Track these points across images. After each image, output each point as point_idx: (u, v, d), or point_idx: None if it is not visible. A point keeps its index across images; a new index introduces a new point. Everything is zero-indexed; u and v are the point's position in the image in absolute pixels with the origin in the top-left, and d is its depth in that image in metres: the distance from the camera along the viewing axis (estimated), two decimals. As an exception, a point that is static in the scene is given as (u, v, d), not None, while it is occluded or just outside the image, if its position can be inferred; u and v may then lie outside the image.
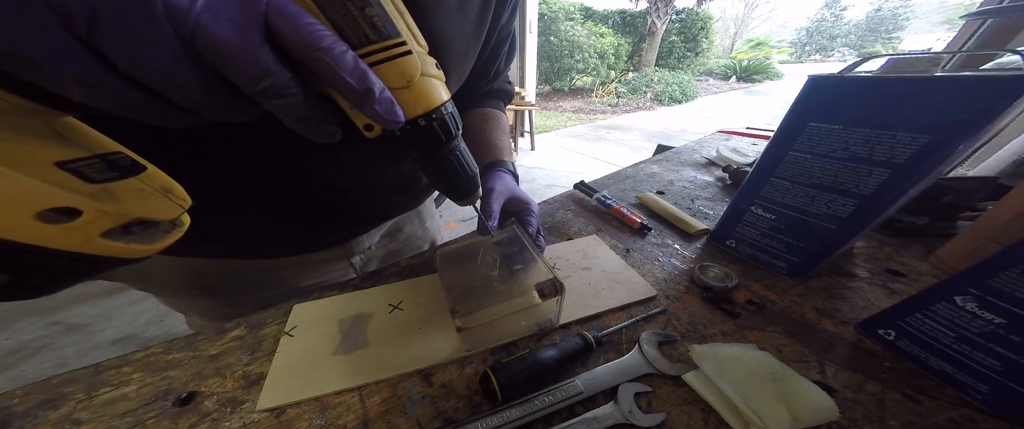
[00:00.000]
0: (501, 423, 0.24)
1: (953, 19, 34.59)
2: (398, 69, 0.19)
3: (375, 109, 0.17)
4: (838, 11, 39.07)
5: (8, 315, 1.53)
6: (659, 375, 0.28)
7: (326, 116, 0.18)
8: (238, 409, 0.26)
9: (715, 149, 0.79)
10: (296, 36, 0.14)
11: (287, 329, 0.33)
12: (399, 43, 0.18)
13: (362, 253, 0.49)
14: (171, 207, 0.18)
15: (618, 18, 10.35)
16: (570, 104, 7.19)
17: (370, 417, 0.26)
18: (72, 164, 0.14)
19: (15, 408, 0.26)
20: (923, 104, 0.27)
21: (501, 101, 0.54)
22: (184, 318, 0.48)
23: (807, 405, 0.24)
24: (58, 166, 0.14)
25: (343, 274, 0.47)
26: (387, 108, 0.18)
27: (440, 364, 0.29)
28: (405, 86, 0.19)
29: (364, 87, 0.16)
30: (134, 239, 0.16)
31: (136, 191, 0.16)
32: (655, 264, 0.42)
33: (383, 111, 0.18)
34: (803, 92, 0.33)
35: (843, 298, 0.35)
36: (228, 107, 0.15)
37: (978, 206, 0.46)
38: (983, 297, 0.24)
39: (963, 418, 0.24)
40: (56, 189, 0.13)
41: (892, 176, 0.29)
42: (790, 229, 0.37)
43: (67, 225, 0.13)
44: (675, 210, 0.51)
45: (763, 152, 0.38)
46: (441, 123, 0.22)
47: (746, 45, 23.48)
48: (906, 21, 37.05)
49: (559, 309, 0.31)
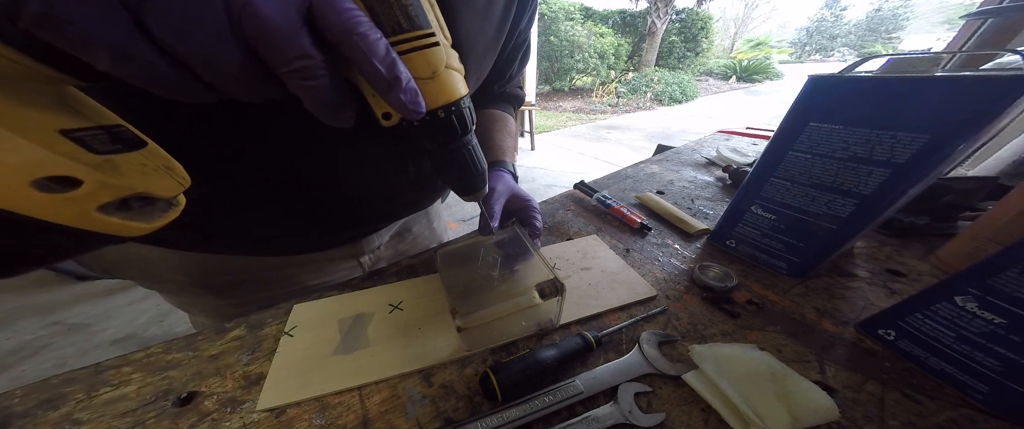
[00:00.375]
0: (501, 423, 0.24)
1: (953, 19, 34.60)
2: (425, 59, 0.19)
3: (400, 98, 0.18)
4: (838, 11, 39.09)
5: (8, 315, 1.53)
6: (659, 375, 0.28)
7: (346, 101, 0.18)
8: (238, 409, 0.26)
9: (715, 149, 0.79)
10: (336, 20, 0.15)
11: (287, 329, 0.33)
12: (429, 34, 0.19)
13: (371, 252, 0.49)
14: (172, 184, 0.17)
15: (618, 18, 10.34)
16: (570, 104, 7.18)
17: (370, 417, 0.26)
18: (76, 133, 0.14)
19: (15, 408, 0.26)
20: (923, 104, 0.27)
21: (511, 105, 0.55)
22: (188, 317, 0.48)
23: (807, 405, 0.24)
24: (62, 134, 0.13)
25: (351, 273, 0.47)
26: (412, 98, 0.18)
27: (440, 364, 0.29)
28: (430, 77, 0.19)
29: (392, 75, 0.17)
30: (131, 215, 0.16)
31: (138, 165, 0.16)
32: (655, 264, 0.42)
33: (407, 100, 0.18)
34: (803, 92, 0.33)
35: (843, 298, 0.35)
36: (251, 85, 0.15)
37: (978, 206, 0.46)
38: (983, 297, 0.24)
39: (963, 418, 0.24)
40: (59, 157, 0.13)
41: (892, 176, 0.29)
42: (790, 229, 0.37)
43: (64, 195, 0.13)
44: (675, 210, 0.51)
45: (763, 152, 0.38)
46: (459, 116, 0.22)
47: (746, 45, 23.50)
48: (906, 21, 37.07)
49: (559, 309, 0.31)
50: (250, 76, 0.14)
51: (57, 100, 0.14)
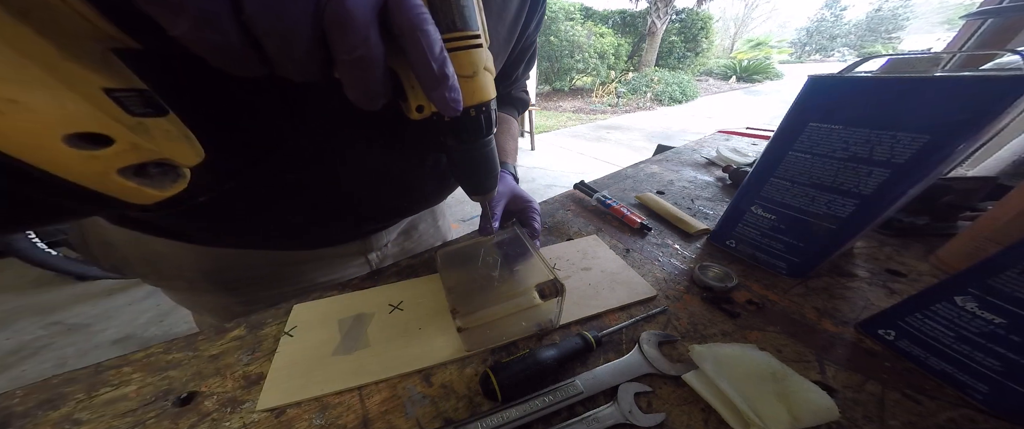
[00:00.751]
0: (501, 423, 0.24)
1: (953, 19, 34.61)
2: (469, 59, 0.20)
3: (444, 94, 0.18)
4: (838, 11, 39.09)
5: (8, 315, 1.53)
6: (659, 375, 0.28)
7: (387, 90, 0.18)
8: (238, 409, 0.26)
9: (715, 149, 0.79)
10: (407, 14, 0.15)
11: (287, 329, 0.33)
12: (476, 35, 0.19)
13: (379, 250, 0.49)
14: (191, 153, 0.18)
15: (618, 18, 10.34)
16: (570, 104, 7.19)
17: (370, 417, 0.26)
18: (116, 93, 0.14)
19: (15, 408, 0.26)
20: (923, 104, 0.27)
21: (515, 108, 0.55)
22: (189, 317, 0.48)
23: (807, 405, 0.24)
24: (105, 92, 0.13)
25: (358, 271, 0.48)
26: (454, 95, 0.18)
27: (440, 364, 0.29)
28: (470, 76, 0.20)
29: (442, 73, 0.17)
30: (147, 182, 0.16)
31: (164, 131, 0.16)
32: (655, 264, 0.42)
33: (450, 98, 0.18)
34: (803, 92, 0.33)
35: (843, 298, 0.35)
36: (307, 67, 0.15)
37: (978, 206, 0.46)
38: (983, 297, 0.24)
39: (963, 418, 0.24)
40: (101, 114, 0.13)
41: (892, 176, 0.29)
42: (790, 229, 0.37)
43: (91, 153, 0.13)
44: (675, 210, 0.51)
45: (763, 152, 0.38)
46: (487, 116, 0.23)
47: (746, 45, 23.49)
48: (906, 21, 37.07)
49: (559, 309, 0.31)
50: (311, 58, 0.15)
51: (102, 59, 0.14)
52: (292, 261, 0.42)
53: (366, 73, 0.16)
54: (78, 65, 0.13)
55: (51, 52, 0.12)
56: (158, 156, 0.16)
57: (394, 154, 0.33)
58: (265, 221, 0.34)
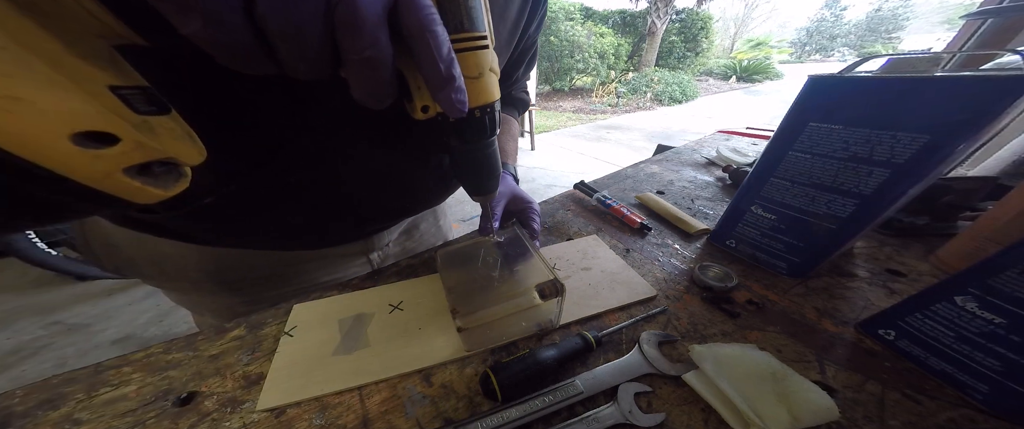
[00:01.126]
0: (501, 423, 0.24)
1: (953, 19, 34.61)
2: (475, 60, 0.19)
3: (451, 96, 0.18)
4: (838, 11, 39.10)
5: (8, 315, 1.53)
6: (659, 375, 0.28)
7: (393, 90, 0.18)
8: (238, 409, 0.26)
9: (715, 149, 0.79)
10: (417, 15, 0.15)
11: (287, 329, 0.33)
12: (483, 36, 0.19)
13: (381, 249, 0.49)
14: (194, 152, 0.17)
15: (618, 18, 10.34)
16: (570, 104, 7.18)
17: (370, 417, 0.26)
18: (122, 90, 0.14)
19: (15, 408, 0.26)
20: (923, 104, 0.27)
21: (516, 109, 0.55)
22: (189, 317, 0.48)
23: (807, 405, 0.24)
24: (111, 90, 0.13)
25: (360, 270, 0.48)
26: (460, 96, 0.18)
27: (440, 364, 0.29)
28: (476, 77, 0.20)
29: (449, 74, 0.17)
30: (150, 181, 0.16)
31: (169, 130, 0.16)
32: (655, 264, 0.42)
33: (456, 99, 0.18)
34: (803, 92, 0.33)
35: (843, 298, 0.35)
36: (316, 65, 0.15)
37: (978, 206, 0.46)
38: (983, 297, 0.24)
39: (963, 418, 0.24)
40: (107, 112, 0.13)
41: (892, 176, 0.29)
42: (790, 229, 0.37)
43: (97, 152, 0.13)
44: (675, 210, 0.51)
45: (763, 152, 0.38)
46: (491, 117, 0.23)
47: (746, 45, 23.50)
48: (906, 21, 37.08)
49: (559, 309, 0.31)
50: (320, 57, 0.15)
51: (108, 56, 0.14)
52: (295, 261, 0.43)
53: (374, 73, 0.16)
54: (85, 62, 0.13)
55: (57, 48, 0.12)
56: (162, 155, 0.15)
57: (396, 154, 0.33)
58: (267, 222, 0.34)
